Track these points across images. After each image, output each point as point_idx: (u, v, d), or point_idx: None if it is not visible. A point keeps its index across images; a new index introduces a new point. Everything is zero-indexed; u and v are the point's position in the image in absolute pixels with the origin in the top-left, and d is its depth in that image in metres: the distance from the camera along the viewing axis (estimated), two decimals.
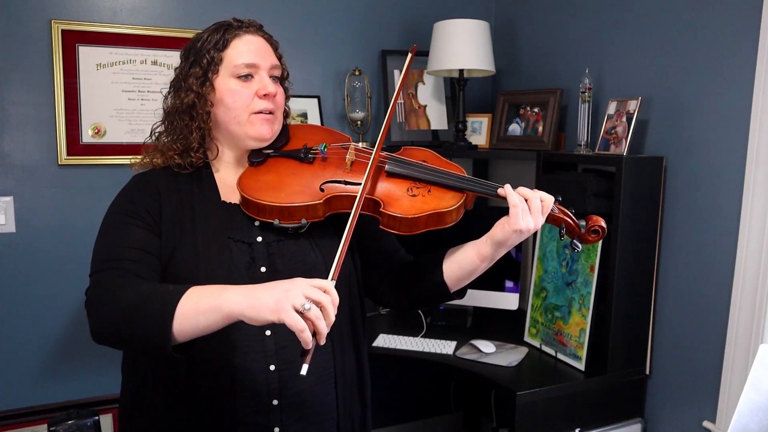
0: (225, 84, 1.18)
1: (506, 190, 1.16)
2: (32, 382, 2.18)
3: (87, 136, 2.19)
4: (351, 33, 2.56)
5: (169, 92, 1.25)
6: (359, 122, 2.55)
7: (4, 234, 2.11)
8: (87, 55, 2.16)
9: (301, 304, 0.92)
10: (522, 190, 1.16)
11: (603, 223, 1.19)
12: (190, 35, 2.26)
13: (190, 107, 1.18)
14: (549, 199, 1.16)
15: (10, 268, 2.12)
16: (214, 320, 0.98)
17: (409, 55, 1.33)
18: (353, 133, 2.55)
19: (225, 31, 1.20)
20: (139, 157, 1.27)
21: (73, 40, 2.13)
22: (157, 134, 1.26)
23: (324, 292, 0.95)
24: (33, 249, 2.15)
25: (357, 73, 2.55)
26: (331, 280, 1.00)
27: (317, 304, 0.94)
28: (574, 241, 1.21)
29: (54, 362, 2.20)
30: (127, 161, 2.18)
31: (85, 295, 1.11)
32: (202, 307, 0.98)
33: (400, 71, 2.64)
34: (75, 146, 2.17)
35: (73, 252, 2.17)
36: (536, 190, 1.16)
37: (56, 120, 2.13)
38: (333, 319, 0.95)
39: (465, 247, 1.23)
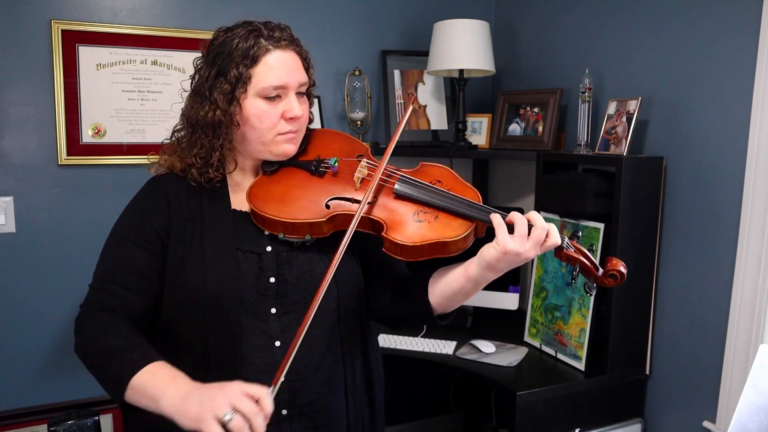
0: (252, 104, 1.14)
1: (511, 214, 1.09)
2: (32, 382, 2.18)
3: (87, 136, 2.19)
4: (351, 33, 2.57)
5: (191, 97, 1.19)
6: (359, 122, 2.55)
7: (4, 234, 2.11)
8: (87, 55, 2.16)
9: (222, 414, 0.91)
10: (532, 215, 1.08)
11: (622, 268, 1.11)
12: (190, 35, 2.29)
13: (216, 125, 1.14)
14: (554, 236, 1.08)
15: (10, 268, 2.12)
16: (152, 407, 1.02)
17: (411, 107, 1.40)
18: (353, 132, 2.55)
19: (255, 43, 1.13)
20: (157, 157, 1.25)
21: (73, 40, 2.13)
22: (176, 138, 1.23)
23: (256, 401, 0.93)
24: (33, 249, 2.15)
25: (357, 73, 2.55)
26: (272, 387, 0.98)
27: (243, 415, 0.92)
28: (588, 284, 1.13)
29: (54, 362, 2.20)
30: (127, 161, 2.23)
31: (79, 308, 1.16)
32: (146, 392, 1.03)
33: (401, 71, 2.64)
34: (75, 146, 2.17)
35: (73, 252, 2.17)
36: (549, 224, 1.09)
37: (56, 120, 2.13)
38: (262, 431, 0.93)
39: (454, 266, 1.17)
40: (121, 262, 1.16)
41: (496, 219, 1.08)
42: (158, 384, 1.02)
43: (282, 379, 1.00)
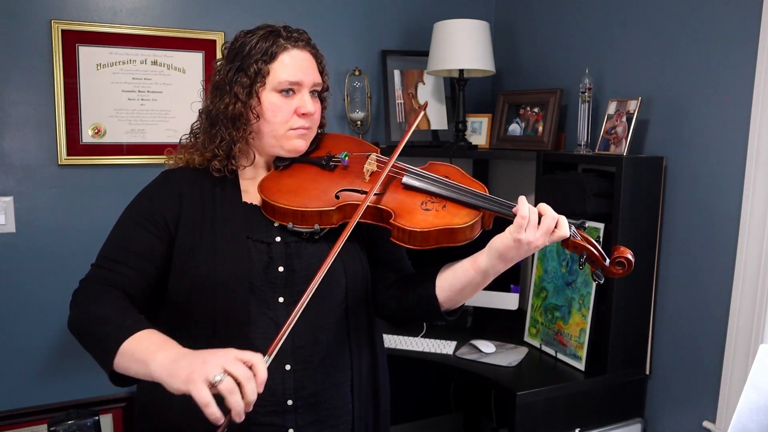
0: (268, 98, 1.19)
1: (519, 201, 1.10)
2: (32, 382, 2.18)
3: (87, 136, 2.19)
4: (351, 33, 2.56)
5: (211, 93, 1.23)
6: (359, 122, 2.55)
7: (4, 234, 2.11)
8: (87, 55, 2.16)
9: (213, 376, 0.89)
10: (542, 206, 1.10)
11: (630, 255, 1.10)
12: (190, 35, 2.29)
13: (236, 117, 1.19)
14: (564, 227, 1.09)
15: (10, 268, 2.12)
16: (142, 372, 1.00)
17: (422, 113, 1.43)
18: (353, 133, 2.55)
19: (274, 42, 1.19)
20: (172, 156, 1.28)
21: (73, 40, 2.13)
22: (195, 134, 1.27)
23: (249, 367, 0.92)
24: (33, 249, 2.14)
25: (357, 73, 2.55)
26: (267, 356, 0.96)
27: (235, 379, 0.90)
28: (596, 272, 1.13)
29: (54, 362, 2.20)
30: (127, 161, 2.23)
31: (79, 283, 1.17)
32: (136, 356, 1.01)
33: (401, 71, 2.64)
34: (75, 146, 2.17)
35: (73, 252, 2.17)
36: (560, 216, 1.10)
37: (56, 120, 2.13)
38: (253, 398, 0.90)
39: (462, 260, 1.19)
40: (125, 242, 1.18)
41: (523, 209, 1.08)
42: (149, 347, 1.01)
43: (276, 350, 0.99)
